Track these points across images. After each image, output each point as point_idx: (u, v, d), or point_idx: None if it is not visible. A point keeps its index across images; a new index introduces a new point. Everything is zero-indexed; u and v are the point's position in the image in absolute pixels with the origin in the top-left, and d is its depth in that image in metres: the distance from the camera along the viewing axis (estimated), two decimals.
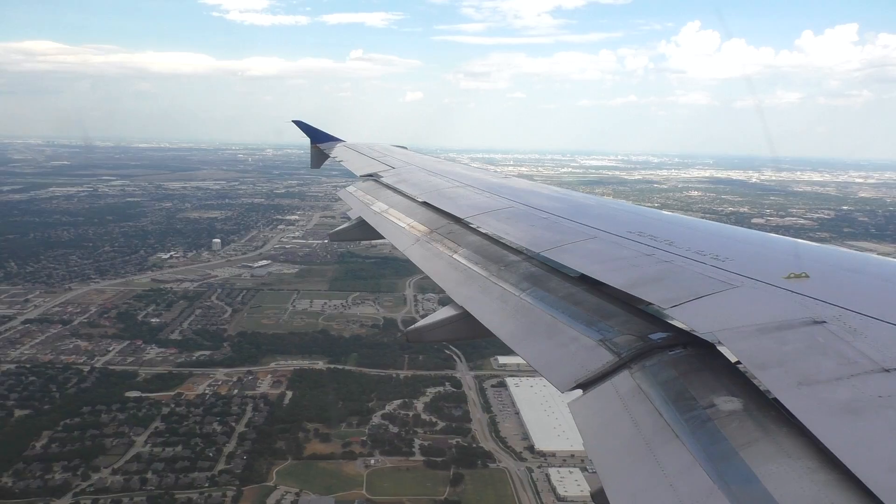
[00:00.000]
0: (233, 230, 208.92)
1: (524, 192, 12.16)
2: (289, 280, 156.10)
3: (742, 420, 3.85)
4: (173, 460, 75.76)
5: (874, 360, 3.99)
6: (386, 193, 13.62)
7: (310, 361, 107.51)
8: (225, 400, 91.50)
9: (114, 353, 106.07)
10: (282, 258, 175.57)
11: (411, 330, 7.50)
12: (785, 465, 3.37)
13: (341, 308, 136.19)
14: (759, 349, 4.36)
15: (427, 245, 9.39)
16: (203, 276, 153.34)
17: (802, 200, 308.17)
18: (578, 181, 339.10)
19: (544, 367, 5.45)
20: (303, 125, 24.89)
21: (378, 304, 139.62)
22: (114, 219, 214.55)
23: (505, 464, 79.64)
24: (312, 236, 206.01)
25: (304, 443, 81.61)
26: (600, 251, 7.27)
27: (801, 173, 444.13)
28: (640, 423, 4.18)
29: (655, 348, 4.96)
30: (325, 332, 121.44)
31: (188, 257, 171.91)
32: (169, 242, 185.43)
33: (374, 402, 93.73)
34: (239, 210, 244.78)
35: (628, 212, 10.10)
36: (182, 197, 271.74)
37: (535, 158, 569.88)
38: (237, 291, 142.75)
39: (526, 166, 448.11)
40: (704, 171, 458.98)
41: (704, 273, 5.97)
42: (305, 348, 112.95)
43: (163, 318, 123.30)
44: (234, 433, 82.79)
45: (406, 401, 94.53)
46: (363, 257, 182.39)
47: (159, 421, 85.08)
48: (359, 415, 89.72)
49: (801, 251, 6.83)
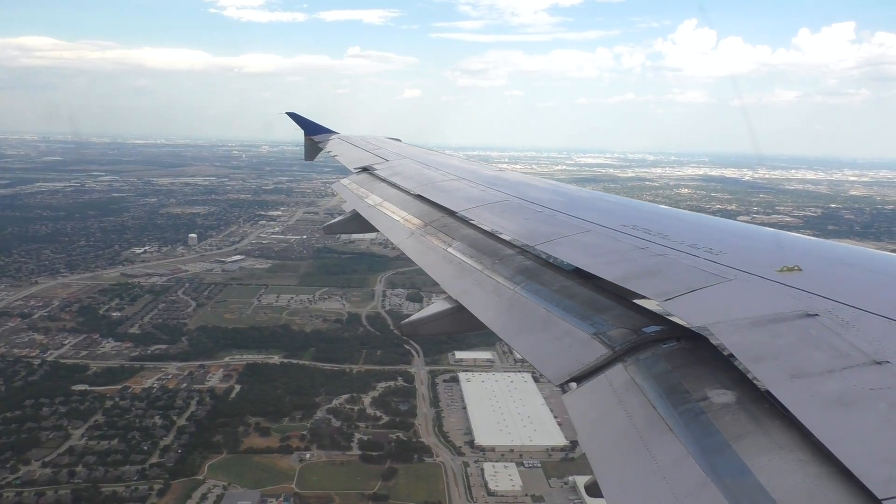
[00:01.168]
0: (213, 225, 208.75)
1: (519, 185, 12.15)
2: (259, 275, 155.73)
3: (735, 413, 3.86)
4: (106, 454, 75.65)
5: (866, 352, 3.99)
6: (380, 186, 13.59)
7: (265, 356, 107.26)
8: (171, 394, 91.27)
9: (68, 347, 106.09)
10: (256, 253, 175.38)
11: (405, 323, 7.49)
12: (777, 457, 3.37)
13: (307, 303, 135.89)
14: (752, 342, 4.36)
15: (421, 238, 9.41)
16: (173, 271, 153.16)
17: (792, 198, 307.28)
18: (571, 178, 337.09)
19: (539, 361, 5.42)
20: (296, 117, 24.73)
21: (345, 300, 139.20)
22: (95, 214, 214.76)
23: (442, 458, 79.28)
24: (292, 232, 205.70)
25: (242, 437, 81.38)
26: (595, 244, 7.27)
27: (795, 171, 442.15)
28: (633, 416, 4.20)
29: (649, 341, 4.97)
30: (287, 326, 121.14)
31: (162, 252, 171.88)
32: (145, 237, 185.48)
33: (322, 397, 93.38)
34: (223, 206, 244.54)
35: (623, 205, 10.14)
36: (169, 193, 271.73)
37: (530, 156, 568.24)
38: (205, 286, 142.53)
39: (521, 164, 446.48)
40: (699, 169, 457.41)
41: (698, 266, 5.96)
42: (263, 343, 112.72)
43: (125, 313, 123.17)
44: (174, 427, 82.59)
45: (354, 395, 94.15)
46: (339, 253, 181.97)
47: (100, 414, 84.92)
48: (304, 409, 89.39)
49: (794, 244, 6.88)
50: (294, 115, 24.75)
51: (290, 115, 24.75)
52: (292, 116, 24.69)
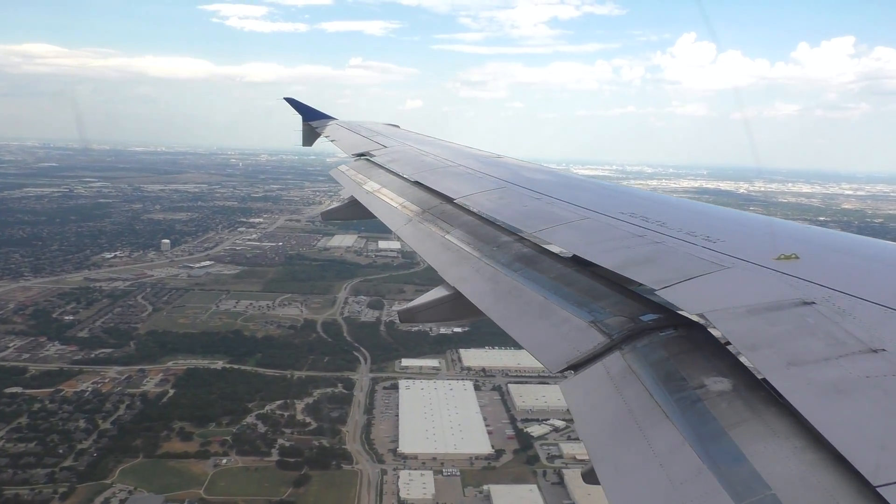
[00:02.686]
0: (191, 231, 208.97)
1: (517, 172, 12.10)
2: (225, 281, 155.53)
3: (731, 400, 3.85)
4: (20, 456, 75.12)
5: (862, 340, 3.98)
6: (378, 172, 13.51)
7: (210, 361, 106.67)
8: (103, 397, 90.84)
9: (11, 350, 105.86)
10: (227, 259, 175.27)
11: (403, 310, 7.47)
12: (773, 444, 3.37)
13: (265, 309, 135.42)
14: (748, 330, 4.35)
15: (419, 225, 9.39)
16: (138, 276, 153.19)
17: (782, 210, 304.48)
18: None
19: (536, 348, 5.37)
20: (294, 102, 24.60)
21: (304, 306, 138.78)
22: (76, 219, 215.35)
23: (362, 466, 78.34)
24: (269, 239, 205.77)
25: (163, 441, 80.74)
26: (593, 232, 7.23)
27: (792, 185, 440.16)
28: (630, 404, 4.18)
29: (646, 329, 4.95)
30: (239, 332, 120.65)
31: (133, 257, 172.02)
32: (119, 242, 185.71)
33: (256, 402, 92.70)
34: (206, 212, 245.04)
35: (622, 193, 10.17)
36: (156, 199, 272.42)
37: None
38: (166, 291, 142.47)
39: None
40: (695, 182, 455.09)
41: (695, 254, 5.94)
42: (212, 348, 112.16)
43: (78, 316, 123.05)
44: (96, 430, 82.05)
45: (288, 402, 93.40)
46: (311, 260, 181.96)
47: (26, 417, 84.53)
48: (233, 414, 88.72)
49: (792, 232, 6.90)
50: (292, 100, 24.67)
51: (288, 101, 24.62)
52: (290, 102, 24.55)
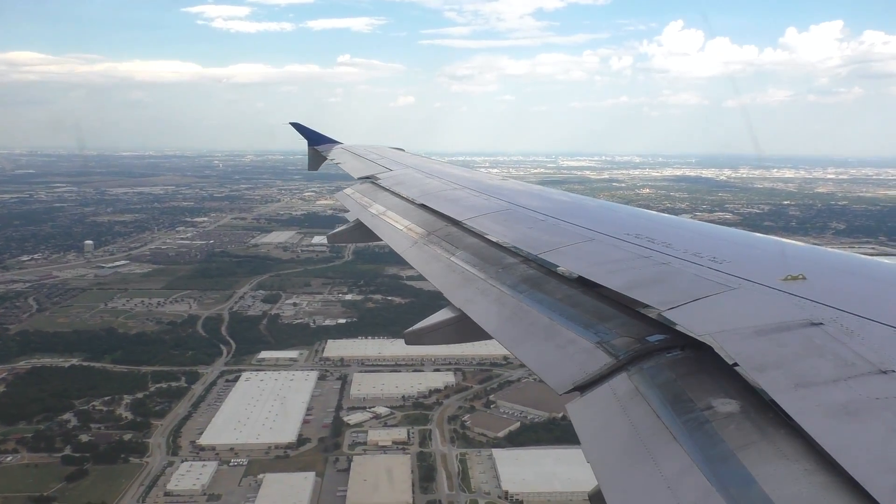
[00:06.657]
0: (126, 232, 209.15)
1: (522, 193, 12.19)
2: (131, 279, 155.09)
3: (740, 422, 3.80)
4: None
5: (871, 361, 3.91)
6: (383, 195, 13.68)
7: (64, 359, 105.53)
8: None
9: None
10: (145, 258, 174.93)
11: (409, 332, 7.40)
12: (782, 467, 3.32)
13: (155, 306, 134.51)
14: (756, 351, 4.27)
15: (424, 247, 9.43)
16: (42, 277, 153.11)
17: (753, 196, 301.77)
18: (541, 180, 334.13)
19: (542, 370, 5.26)
20: (300, 127, 24.98)
21: (197, 303, 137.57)
22: (19, 223, 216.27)
23: (152, 459, 76.70)
24: (204, 238, 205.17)
25: None
26: (598, 253, 7.21)
27: (777, 171, 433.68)
28: (637, 426, 4.11)
29: (653, 350, 4.87)
30: (112, 330, 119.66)
31: (49, 259, 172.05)
32: (45, 245, 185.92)
33: (84, 399, 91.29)
34: (155, 213, 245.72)
35: (627, 213, 10.15)
36: (113, 202, 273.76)
37: (516, 160, 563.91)
38: (63, 291, 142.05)
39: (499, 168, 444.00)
40: (678, 170, 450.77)
41: (702, 275, 5.88)
42: (75, 346, 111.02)
43: None
44: None
45: (116, 397, 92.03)
46: (233, 256, 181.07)
47: None
48: (52, 411, 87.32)
49: (799, 253, 6.90)
50: (298, 125, 25.04)
51: (294, 126, 25.01)
52: (296, 127, 24.94)
